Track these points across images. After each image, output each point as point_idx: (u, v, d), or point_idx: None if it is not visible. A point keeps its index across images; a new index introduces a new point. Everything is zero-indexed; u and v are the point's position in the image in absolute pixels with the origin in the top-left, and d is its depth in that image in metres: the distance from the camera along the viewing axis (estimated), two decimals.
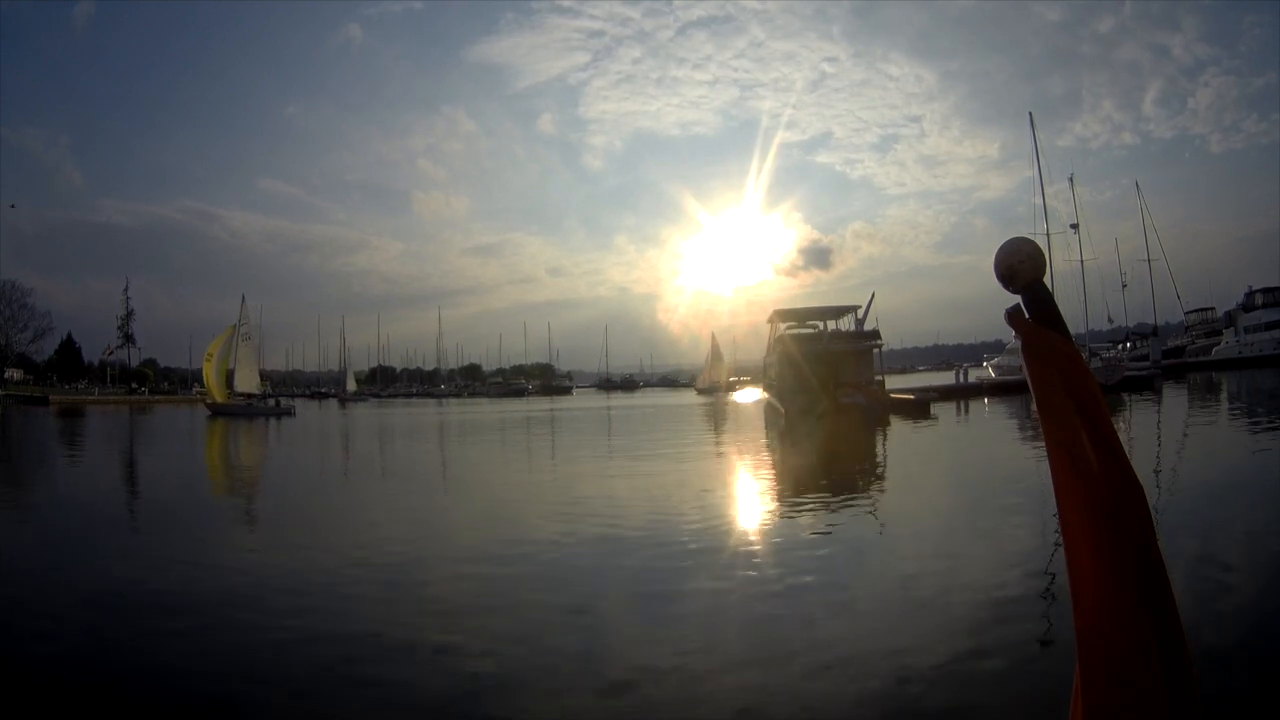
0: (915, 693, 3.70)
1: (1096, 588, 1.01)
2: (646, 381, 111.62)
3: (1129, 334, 52.66)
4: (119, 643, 4.68)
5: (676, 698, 3.77)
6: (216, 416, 39.05)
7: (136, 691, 3.95)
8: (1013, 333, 1.18)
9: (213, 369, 43.28)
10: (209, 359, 43.81)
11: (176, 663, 4.28)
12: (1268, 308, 46.16)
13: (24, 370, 76.45)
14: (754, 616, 5.01)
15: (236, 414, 40.05)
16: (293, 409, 44.32)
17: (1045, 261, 1.17)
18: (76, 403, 58.05)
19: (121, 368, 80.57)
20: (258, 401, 43.97)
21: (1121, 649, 0.99)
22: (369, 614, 5.18)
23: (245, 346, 45.40)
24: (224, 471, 16.74)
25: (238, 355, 44.47)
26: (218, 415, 39.51)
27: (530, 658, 4.33)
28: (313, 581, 6.11)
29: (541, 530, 8.15)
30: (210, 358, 43.77)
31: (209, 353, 44.04)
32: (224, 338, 44.54)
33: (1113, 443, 1.05)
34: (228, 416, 38.95)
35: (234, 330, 45.03)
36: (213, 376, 43.06)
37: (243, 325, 45.86)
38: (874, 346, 29.74)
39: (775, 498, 10.49)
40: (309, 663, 4.27)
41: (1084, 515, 1.04)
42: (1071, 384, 1.08)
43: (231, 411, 40.62)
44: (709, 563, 6.45)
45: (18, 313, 73.83)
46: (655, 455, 16.85)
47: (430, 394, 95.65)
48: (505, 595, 5.63)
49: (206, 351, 44.43)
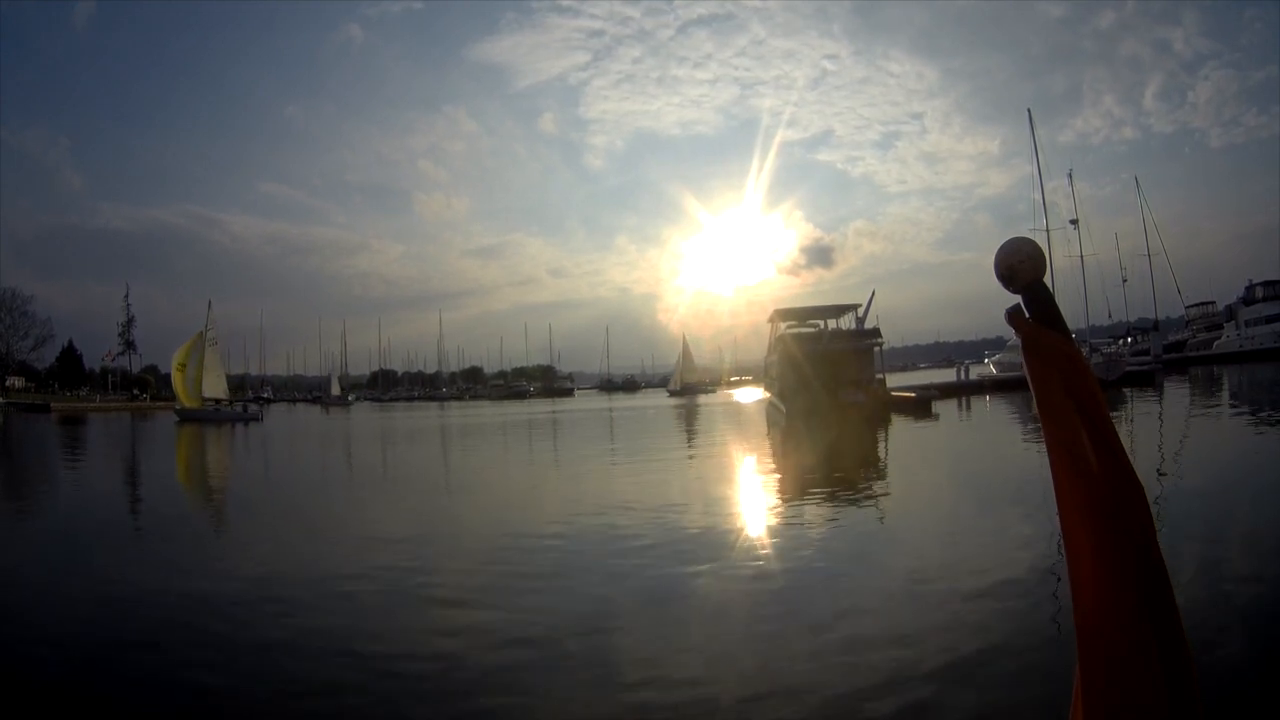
0: (916, 691, 3.70)
1: (1096, 588, 1.02)
2: (648, 382, 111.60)
3: (1130, 329, 52.64)
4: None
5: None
6: (184, 422, 39.40)
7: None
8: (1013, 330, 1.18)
9: (183, 376, 43.93)
10: (180, 368, 44.31)
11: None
12: (1268, 301, 46.08)
13: (25, 378, 76.54)
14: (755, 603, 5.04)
15: (204, 419, 40.39)
16: (260, 414, 44.81)
17: (1045, 261, 1.18)
18: (78, 410, 58.13)
19: (123, 374, 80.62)
20: (225, 407, 44.35)
21: (1121, 649, 0.99)
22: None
23: (211, 352, 45.74)
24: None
25: (205, 361, 44.82)
26: (186, 421, 39.94)
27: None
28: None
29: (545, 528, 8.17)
30: (183, 366, 44.31)
31: (179, 361, 44.52)
32: (190, 344, 45.11)
33: (1113, 442, 1.05)
34: (195, 422, 39.26)
35: (201, 336, 45.55)
36: (182, 384, 43.70)
37: (209, 330, 46.33)
38: (875, 345, 29.72)
39: (779, 495, 10.51)
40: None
41: (1084, 515, 1.04)
42: (1071, 383, 1.08)
43: (199, 417, 41.00)
44: (722, 556, 6.50)
45: (18, 321, 73.99)
46: (664, 456, 16.87)
47: (432, 397, 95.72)
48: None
49: (176, 360, 44.85)
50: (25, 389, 72.30)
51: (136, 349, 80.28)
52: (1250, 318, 46.76)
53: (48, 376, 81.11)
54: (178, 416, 41.77)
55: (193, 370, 44.07)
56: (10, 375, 71.50)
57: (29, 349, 76.41)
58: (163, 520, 10.25)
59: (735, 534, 7.78)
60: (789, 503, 9.95)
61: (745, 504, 10.13)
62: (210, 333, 46.27)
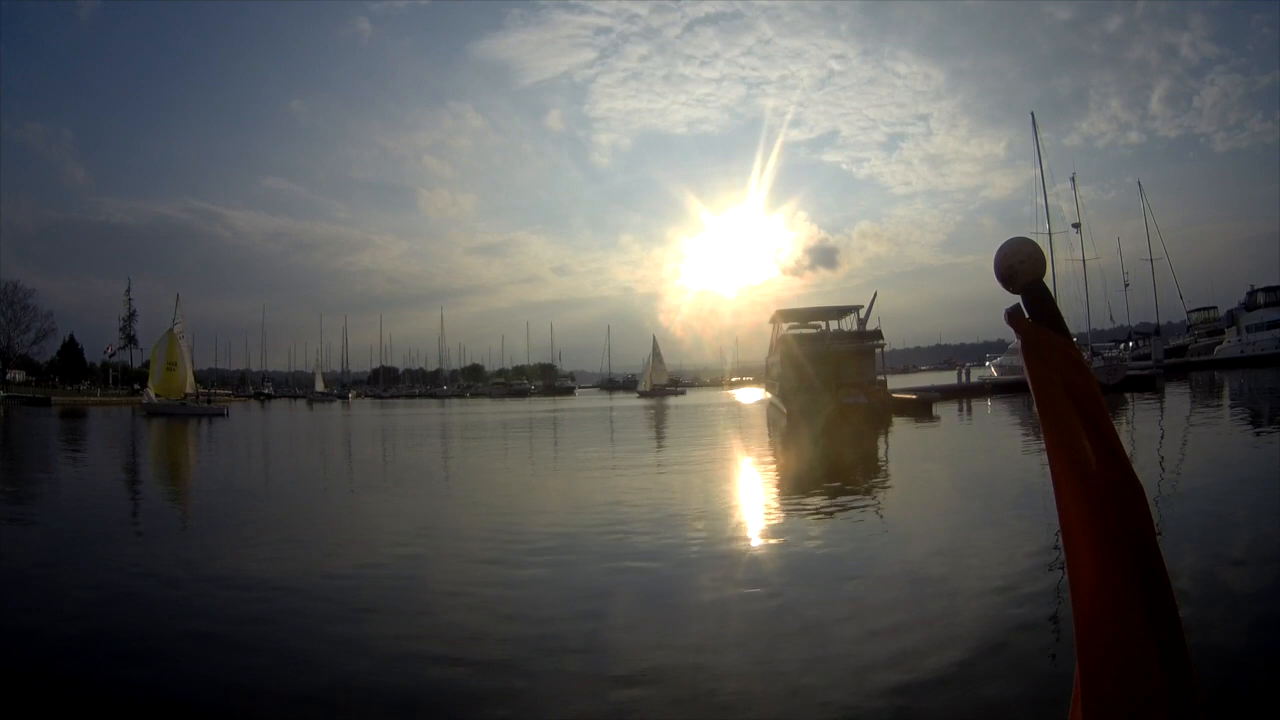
0: (915, 692, 3.70)
1: (1096, 588, 1.01)
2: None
3: (1131, 333, 52.64)
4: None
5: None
6: (151, 416, 39.57)
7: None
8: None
9: (176, 375, 44.59)
10: (171, 367, 44.79)
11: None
12: (1270, 307, 46.05)
13: (26, 371, 76.66)
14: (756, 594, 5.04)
15: (170, 414, 40.52)
16: (225, 410, 44.90)
17: (1045, 262, 1.17)
18: (78, 404, 58.20)
19: (124, 368, 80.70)
20: (191, 401, 44.58)
21: (1121, 649, 0.99)
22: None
23: (180, 346, 46.02)
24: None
25: (173, 355, 45.24)
26: (153, 415, 40.08)
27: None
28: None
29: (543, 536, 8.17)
30: (174, 365, 44.80)
31: (170, 360, 44.95)
32: (171, 342, 45.55)
33: (1113, 443, 1.05)
34: (162, 417, 39.40)
35: (171, 332, 45.92)
36: (175, 381, 44.44)
37: (177, 325, 46.55)
38: (876, 346, 29.70)
39: (780, 494, 10.51)
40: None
41: (1084, 515, 1.04)
42: (1071, 384, 1.08)
43: (165, 411, 41.20)
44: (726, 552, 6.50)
45: (20, 314, 74.21)
46: (671, 454, 16.86)
47: (433, 394, 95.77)
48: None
49: (167, 360, 45.19)
50: (26, 382, 72.43)
51: (138, 343, 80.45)
52: (1252, 323, 46.71)
53: (49, 370, 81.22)
54: (144, 411, 42.14)
55: (161, 363, 44.85)
56: (11, 369, 71.60)
57: (30, 343, 76.72)
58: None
59: (735, 532, 7.79)
60: (787, 499, 9.96)
61: (744, 501, 10.13)
62: (178, 326, 46.57)
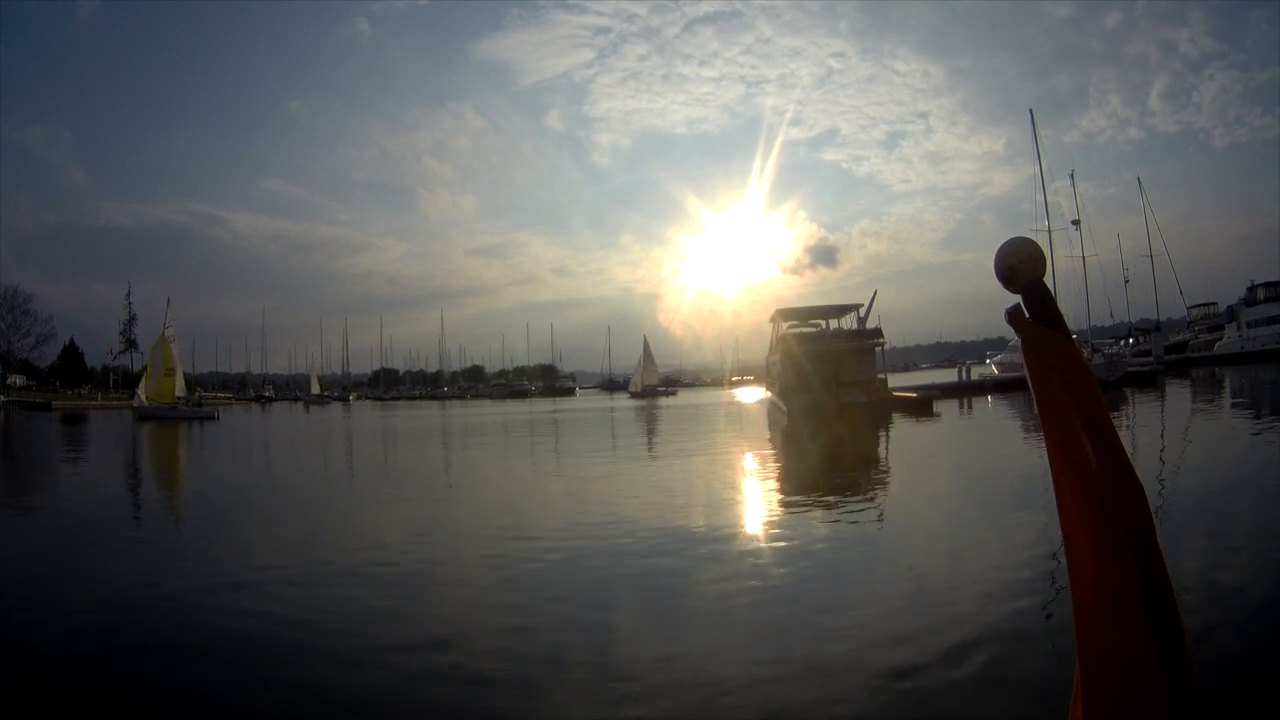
0: (915, 691, 3.70)
1: (1096, 588, 1.01)
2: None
3: (1131, 329, 52.70)
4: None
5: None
6: (143, 420, 39.67)
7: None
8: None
9: (173, 381, 44.77)
10: (170, 373, 44.93)
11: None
12: (1269, 302, 46.03)
13: (27, 376, 76.69)
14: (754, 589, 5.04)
15: (161, 417, 40.65)
16: (215, 413, 44.91)
17: (1046, 262, 1.17)
18: (79, 408, 58.25)
19: (125, 372, 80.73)
20: (182, 405, 44.71)
21: (1121, 649, 0.99)
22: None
23: (172, 349, 46.15)
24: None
25: (170, 361, 45.35)
26: (144, 419, 40.19)
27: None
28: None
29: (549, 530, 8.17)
30: (172, 371, 44.94)
31: (168, 366, 45.04)
32: (166, 347, 45.70)
33: (1113, 442, 1.05)
34: (153, 420, 39.52)
35: (163, 336, 46.10)
36: (173, 386, 44.62)
37: (168, 329, 46.72)
38: (876, 345, 29.71)
39: (781, 493, 10.51)
40: None
41: (1084, 515, 1.04)
42: (1071, 383, 1.07)
43: (157, 415, 41.36)
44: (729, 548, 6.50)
45: (20, 319, 74.29)
46: (676, 455, 16.86)
47: (433, 396, 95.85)
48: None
49: (164, 366, 45.24)
50: (27, 387, 72.46)
51: (138, 347, 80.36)
52: (1252, 319, 46.70)
53: (49, 375, 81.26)
54: (136, 414, 42.29)
55: (158, 369, 44.92)
56: (12, 373, 71.65)
57: (30, 347, 76.82)
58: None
59: (734, 529, 7.79)
60: (786, 497, 9.96)
61: (745, 498, 10.14)
62: (169, 330, 46.71)
